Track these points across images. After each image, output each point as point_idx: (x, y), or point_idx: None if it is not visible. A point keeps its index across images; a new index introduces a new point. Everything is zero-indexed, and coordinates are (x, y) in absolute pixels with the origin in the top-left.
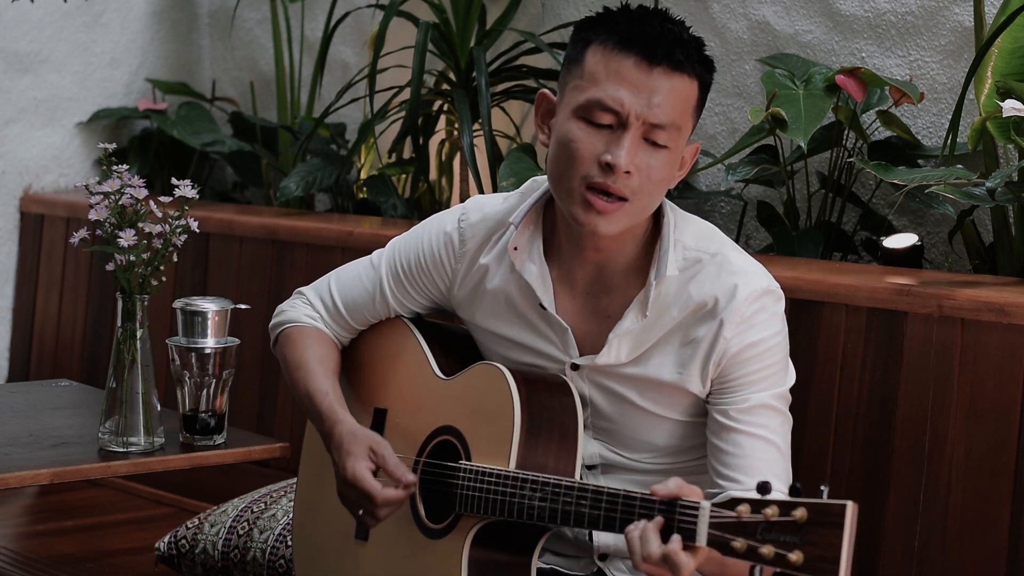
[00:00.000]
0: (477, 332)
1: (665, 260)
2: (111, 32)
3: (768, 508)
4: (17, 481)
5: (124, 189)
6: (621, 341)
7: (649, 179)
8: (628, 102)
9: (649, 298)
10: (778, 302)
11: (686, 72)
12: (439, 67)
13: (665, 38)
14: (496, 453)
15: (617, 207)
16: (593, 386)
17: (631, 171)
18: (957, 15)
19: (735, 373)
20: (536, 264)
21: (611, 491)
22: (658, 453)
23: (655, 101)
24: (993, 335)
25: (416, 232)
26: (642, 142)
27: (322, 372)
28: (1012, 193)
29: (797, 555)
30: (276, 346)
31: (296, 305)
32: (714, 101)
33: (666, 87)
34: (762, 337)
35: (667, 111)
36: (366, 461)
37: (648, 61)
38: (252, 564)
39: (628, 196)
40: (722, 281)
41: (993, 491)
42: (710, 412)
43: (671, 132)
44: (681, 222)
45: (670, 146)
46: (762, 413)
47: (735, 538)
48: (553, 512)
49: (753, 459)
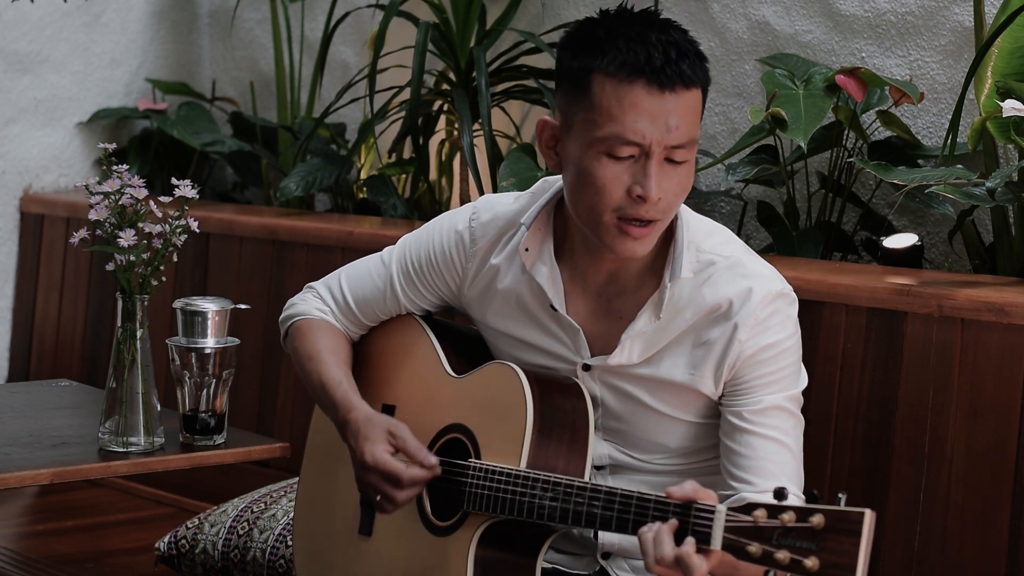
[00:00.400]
0: (488, 332)
1: (680, 262)
2: (111, 32)
3: (785, 514)
4: (17, 481)
5: (124, 189)
6: (634, 342)
7: (676, 195)
8: (648, 133)
9: (664, 300)
10: (792, 305)
11: (695, 84)
12: (439, 67)
13: (669, 56)
14: (507, 452)
15: (650, 229)
16: (604, 386)
17: (663, 198)
18: (957, 15)
19: (749, 375)
20: (547, 266)
21: (624, 492)
22: (669, 454)
23: (672, 124)
24: (993, 335)
25: (427, 230)
26: (664, 164)
27: (334, 362)
28: (1012, 193)
29: (813, 561)
30: (287, 339)
31: (307, 299)
32: (714, 101)
33: (680, 107)
34: (776, 340)
35: (685, 130)
36: (385, 444)
37: (659, 87)
38: (252, 564)
39: (659, 217)
40: (736, 284)
41: (993, 491)
42: (723, 414)
43: (689, 147)
44: (694, 223)
45: (689, 159)
46: (775, 415)
47: (750, 543)
48: (564, 512)
49: (766, 461)
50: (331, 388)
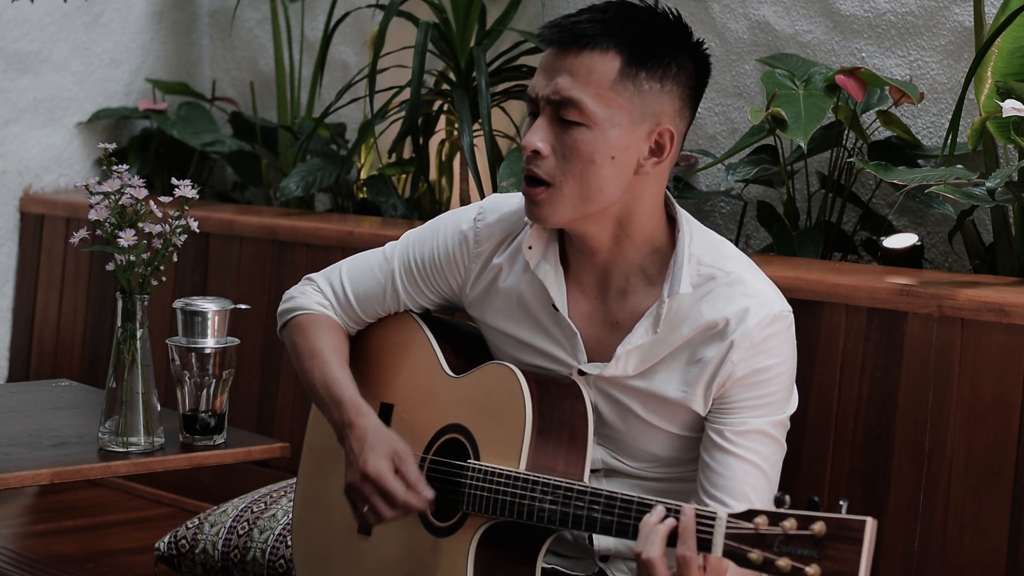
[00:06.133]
0: (487, 331)
1: (679, 277)
2: (111, 32)
3: (786, 521)
4: (17, 481)
5: (124, 189)
6: (630, 355)
7: (567, 159)
8: (539, 87)
9: (661, 315)
10: (790, 328)
11: (596, 47)
12: (439, 67)
13: (577, 19)
14: (506, 454)
15: (541, 191)
16: (598, 393)
17: (541, 150)
18: (957, 15)
19: (737, 396)
20: (551, 264)
21: (625, 497)
22: (658, 463)
23: (557, 80)
24: (993, 335)
25: (431, 228)
26: (555, 122)
27: (337, 362)
28: (1012, 193)
29: (814, 568)
30: (284, 330)
31: (306, 292)
32: (714, 101)
33: (573, 65)
34: (770, 364)
35: (569, 86)
36: (388, 461)
37: (559, 46)
38: (252, 564)
39: (549, 179)
40: (735, 303)
41: (993, 491)
42: (706, 429)
43: (581, 107)
44: (698, 236)
45: (585, 123)
46: (757, 439)
47: (751, 549)
48: (564, 516)
49: (740, 483)
50: (336, 387)
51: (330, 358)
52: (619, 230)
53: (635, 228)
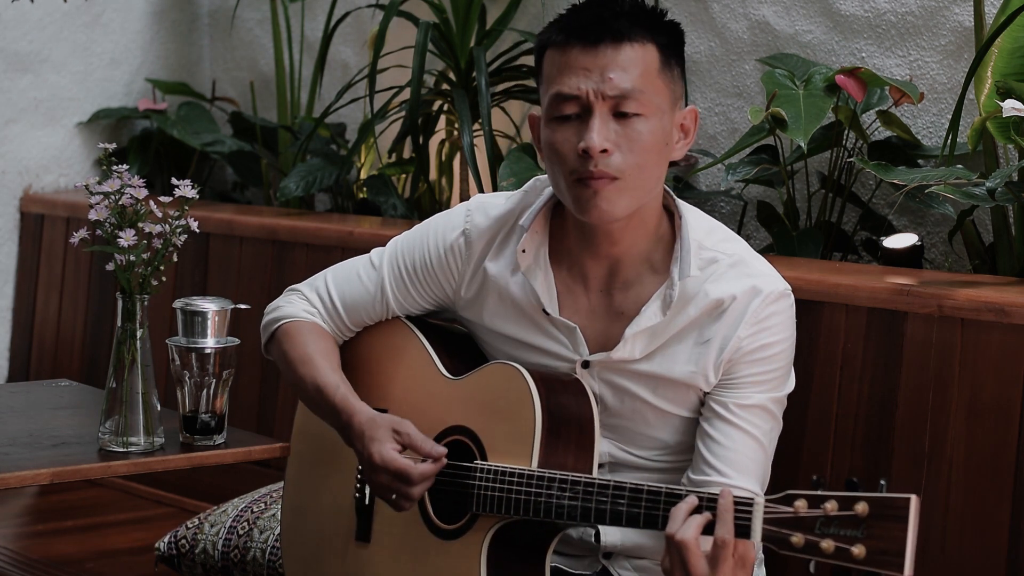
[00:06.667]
0: (483, 332)
1: (688, 260)
2: (111, 32)
3: (828, 503)
4: (17, 481)
5: (124, 189)
6: (637, 337)
7: (633, 151)
8: (583, 84)
9: (673, 297)
10: (792, 307)
11: (633, 40)
12: (439, 67)
13: (602, 16)
14: (515, 452)
15: (607, 183)
16: (603, 383)
17: (608, 148)
18: (957, 15)
19: (742, 372)
20: (542, 269)
21: (652, 487)
22: (666, 450)
23: (608, 75)
24: (993, 335)
25: (420, 233)
26: (612, 118)
27: (329, 366)
28: (1012, 193)
29: (860, 549)
30: (272, 342)
31: (292, 301)
32: (714, 101)
33: (616, 59)
34: (774, 340)
35: (624, 79)
36: (391, 443)
37: (589, 43)
38: (252, 564)
39: (616, 174)
40: (741, 282)
41: (993, 491)
42: (707, 401)
43: (639, 99)
44: (693, 220)
45: (643, 113)
46: (758, 413)
47: (793, 533)
48: (586, 511)
49: (741, 455)
50: (329, 392)
51: (321, 363)
52: (637, 219)
53: (649, 215)
